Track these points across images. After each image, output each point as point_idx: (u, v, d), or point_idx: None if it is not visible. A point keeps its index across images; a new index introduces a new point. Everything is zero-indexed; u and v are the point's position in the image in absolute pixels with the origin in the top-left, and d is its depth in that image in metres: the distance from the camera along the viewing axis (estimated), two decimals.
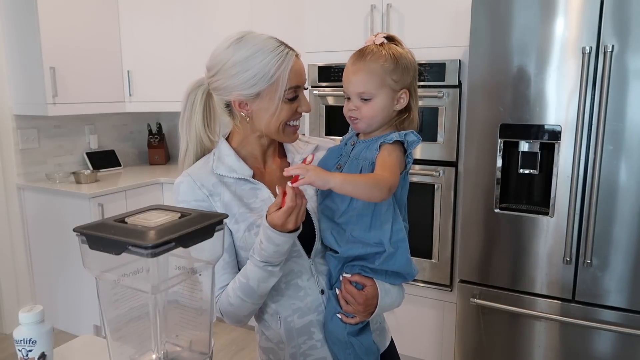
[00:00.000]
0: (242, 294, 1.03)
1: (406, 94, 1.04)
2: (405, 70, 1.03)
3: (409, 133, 1.01)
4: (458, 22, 2.26)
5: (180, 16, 3.29)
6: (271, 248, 0.97)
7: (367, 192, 0.93)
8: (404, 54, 1.04)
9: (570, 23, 1.76)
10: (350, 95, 1.04)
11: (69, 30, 2.94)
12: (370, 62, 1.01)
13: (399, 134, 1.01)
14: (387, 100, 1.02)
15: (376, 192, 0.93)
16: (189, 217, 0.95)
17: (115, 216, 0.93)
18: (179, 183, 1.11)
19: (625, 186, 1.74)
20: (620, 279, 1.78)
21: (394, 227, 1.02)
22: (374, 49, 1.02)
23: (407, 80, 1.03)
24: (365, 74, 1.01)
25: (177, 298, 1.00)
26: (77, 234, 0.88)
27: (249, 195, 1.09)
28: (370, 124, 1.04)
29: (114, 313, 0.96)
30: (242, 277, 1.03)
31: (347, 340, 1.06)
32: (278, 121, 1.06)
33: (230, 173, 1.09)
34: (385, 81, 1.01)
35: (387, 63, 1.01)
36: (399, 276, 1.06)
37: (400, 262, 1.04)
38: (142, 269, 0.87)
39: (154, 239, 0.82)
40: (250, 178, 1.09)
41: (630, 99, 1.69)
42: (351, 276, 1.05)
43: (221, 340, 2.98)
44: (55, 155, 3.25)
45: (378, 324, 1.19)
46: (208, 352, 1.02)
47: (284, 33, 3.30)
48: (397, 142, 1.01)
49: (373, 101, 1.02)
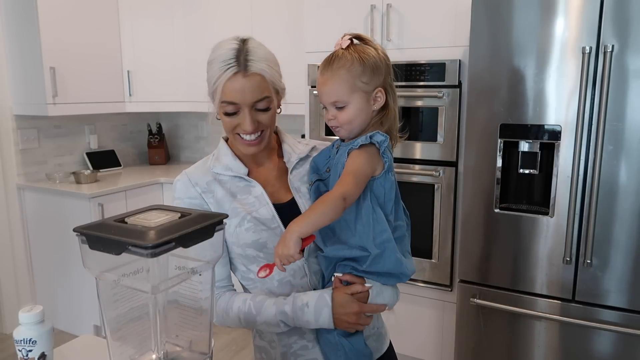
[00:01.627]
0: (243, 318, 1.08)
1: (382, 92, 1.02)
2: (375, 69, 1.00)
3: (375, 134, 1.00)
4: (458, 22, 2.26)
5: (180, 16, 3.29)
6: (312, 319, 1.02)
7: (324, 217, 0.94)
8: (372, 54, 1.01)
9: (570, 23, 1.76)
10: (325, 105, 1.04)
11: (69, 31, 2.94)
12: (336, 70, 1.00)
13: (365, 137, 0.99)
14: (361, 104, 1.01)
15: (331, 211, 0.93)
16: (189, 217, 0.95)
17: (115, 216, 0.93)
18: (176, 181, 1.14)
19: (625, 186, 1.74)
20: (620, 279, 1.78)
21: (376, 229, 1.00)
22: (339, 54, 1.01)
23: (378, 79, 1.02)
24: (334, 83, 1.00)
25: (177, 298, 1.00)
26: (77, 234, 0.88)
27: (242, 192, 1.11)
28: (350, 129, 1.03)
29: (114, 313, 0.96)
30: (253, 308, 1.06)
31: (337, 341, 1.05)
32: (227, 130, 1.09)
33: (226, 171, 1.12)
34: (356, 85, 0.99)
35: (354, 66, 0.99)
36: (392, 276, 1.05)
37: (389, 263, 1.02)
38: (142, 269, 0.87)
39: (154, 239, 0.82)
40: (245, 176, 1.11)
41: (630, 99, 1.69)
42: (342, 275, 1.05)
43: (221, 340, 2.98)
44: (55, 155, 3.25)
45: (375, 329, 1.18)
46: (208, 352, 1.02)
47: (284, 33, 3.32)
48: (366, 145, 0.99)
49: (347, 108, 1.01)
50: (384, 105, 1.05)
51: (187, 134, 3.94)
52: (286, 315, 1.03)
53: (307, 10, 2.65)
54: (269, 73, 1.06)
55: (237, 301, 1.09)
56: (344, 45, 1.02)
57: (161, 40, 3.32)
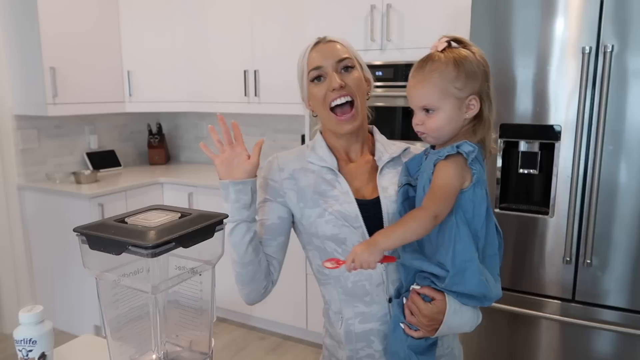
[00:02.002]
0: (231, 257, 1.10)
1: (476, 100, 0.96)
2: (471, 75, 0.94)
3: (463, 144, 0.94)
4: (458, 22, 2.25)
5: (180, 16, 3.29)
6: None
7: (412, 234, 0.92)
8: (469, 58, 0.95)
9: (570, 23, 1.76)
10: (413, 109, 1.00)
11: (69, 31, 2.94)
12: (428, 73, 0.95)
13: (451, 147, 0.94)
14: (452, 111, 0.96)
15: (420, 229, 0.91)
16: (189, 217, 0.95)
17: (115, 216, 0.93)
18: (267, 161, 1.18)
19: (625, 186, 1.74)
20: (620, 279, 1.78)
21: (458, 247, 0.94)
22: (434, 56, 0.96)
23: (474, 85, 0.95)
24: (424, 86, 0.95)
25: (177, 298, 1.01)
26: (77, 234, 0.88)
27: (328, 184, 1.11)
28: (437, 136, 0.99)
29: (114, 313, 0.96)
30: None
31: (407, 354, 1.00)
32: (319, 106, 1.11)
33: (320, 162, 1.13)
34: (448, 91, 0.94)
35: (448, 70, 0.94)
36: (473, 298, 0.98)
37: (470, 284, 0.95)
38: (142, 269, 0.87)
39: (154, 239, 0.82)
40: (335, 169, 1.12)
41: (630, 99, 1.69)
42: (420, 288, 1.00)
43: (221, 340, 2.98)
44: (55, 155, 3.25)
45: (449, 349, 1.12)
46: (208, 352, 1.02)
47: (284, 33, 3.32)
48: (453, 155, 0.94)
49: (437, 114, 0.96)
50: (478, 113, 0.98)
51: (187, 134, 3.94)
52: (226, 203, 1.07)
53: (307, 10, 2.65)
54: (348, 44, 1.13)
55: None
56: (440, 48, 0.97)
57: (161, 40, 3.32)
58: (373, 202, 1.09)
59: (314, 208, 1.09)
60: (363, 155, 1.17)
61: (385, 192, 1.09)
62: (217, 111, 3.47)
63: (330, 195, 1.09)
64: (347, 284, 1.08)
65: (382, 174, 1.12)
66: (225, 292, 3.11)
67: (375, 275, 1.06)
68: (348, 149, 1.16)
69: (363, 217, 1.07)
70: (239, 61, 3.13)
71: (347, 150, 1.16)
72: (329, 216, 1.07)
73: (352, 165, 1.16)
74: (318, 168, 1.13)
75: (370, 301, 1.08)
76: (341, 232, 1.06)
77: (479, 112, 0.98)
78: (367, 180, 1.14)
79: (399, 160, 1.15)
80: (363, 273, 1.06)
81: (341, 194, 1.09)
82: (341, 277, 1.09)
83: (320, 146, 1.16)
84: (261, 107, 3.11)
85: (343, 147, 1.16)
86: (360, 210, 1.07)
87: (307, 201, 1.10)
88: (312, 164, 1.14)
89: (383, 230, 0.94)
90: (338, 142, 1.15)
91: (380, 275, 1.06)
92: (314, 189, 1.11)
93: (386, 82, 2.45)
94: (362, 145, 1.17)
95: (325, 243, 1.08)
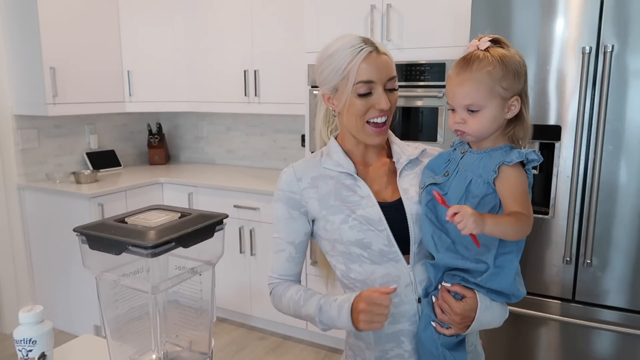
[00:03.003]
0: (292, 307, 1.11)
1: (518, 101, 0.97)
2: (516, 75, 0.96)
3: (531, 152, 0.96)
4: (458, 22, 2.26)
5: (180, 16, 3.29)
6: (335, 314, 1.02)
7: (515, 233, 0.93)
8: (512, 57, 0.96)
9: (570, 23, 1.76)
10: (455, 108, 0.99)
11: (69, 31, 2.94)
12: (477, 72, 0.94)
13: (520, 154, 0.95)
14: (497, 111, 0.96)
15: (522, 233, 0.93)
16: (189, 217, 0.95)
17: (115, 216, 0.94)
18: (282, 173, 1.16)
19: (625, 186, 1.74)
20: (620, 279, 1.78)
21: (501, 246, 0.96)
22: (480, 55, 0.95)
23: (518, 86, 0.97)
24: (472, 85, 0.95)
25: (177, 298, 1.01)
26: (77, 234, 0.88)
27: (348, 189, 1.10)
28: (478, 136, 1.00)
29: (114, 313, 0.96)
30: (302, 299, 1.09)
31: (440, 352, 1.00)
32: (354, 116, 1.07)
33: (337, 167, 1.12)
34: (495, 90, 0.94)
35: (496, 70, 0.94)
36: (502, 295, 1.00)
37: (505, 282, 0.97)
38: (142, 269, 0.88)
39: (154, 239, 0.82)
40: (354, 174, 1.11)
41: (630, 99, 1.69)
42: (451, 286, 1.00)
43: (221, 340, 2.98)
44: (55, 155, 3.25)
45: (473, 346, 1.13)
46: (208, 352, 1.02)
47: (284, 33, 3.31)
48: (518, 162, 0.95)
49: (482, 113, 0.96)
50: (517, 114, 1.00)
51: (187, 134, 3.94)
52: (321, 310, 1.04)
53: (307, 10, 2.65)
54: (392, 57, 1.09)
55: (292, 290, 1.12)
56: (482, 47, 0.97)
57: (161, 40, 3.32)
58: (395, 205, 1.09)
59: (338, 214, 1.08)
60: (380, 159, 1.17)
61: (406, 194, 1.09)
62: (217, 111, 3.50)
63: (352, 201, 1.08)
64: (376, 286, 1.06)
65: (401, 176, 1.12)
66: (225, 292, 3.12)
67: (404, 276, 1.06)
68: (365, 154, 1.15)
69: (386, 219, 1.06)
70: (239, 61, 3.13)
71: (363, 155, 1.15)
72: (353, 221, 1.06)
73: (369, 168, 1.15)
74: (336, 174, 1.12)
75: (399, 302, 1.07)
76: (366, 237, 1.06)
77: (518, 113, 0.99)
78: (386, 183, 1.13)
79: (416, 161, 1.15)
80: (391, 275, 1.06)
81: (363, 198, 1.08)
82: (368, 281, 1.08)
83: (335, 151, 1.14)
84: (261, 107, 3.11)
85: (360, 152, 1.15)
86: (383, 213, 1.07)
87: (329, 208, 1.09)
88: (329, 170, 1.13)
89: (493, 216, 0.94)
90: (356, 148, 1.15)
91: (408, 275, 1.06)
92: (335, 195, 1.10)
93: None
94: (379, 150, 1.17)
95: (350, 248, 1.08)
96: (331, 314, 1.02)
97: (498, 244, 0.96)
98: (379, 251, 1.05)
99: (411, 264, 1.06)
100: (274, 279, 1.16)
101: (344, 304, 1.00)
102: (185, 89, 3.33)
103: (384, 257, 1.05)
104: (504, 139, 1.01)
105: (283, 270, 1.15)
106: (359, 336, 1.13)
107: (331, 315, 1.02)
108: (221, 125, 3.75)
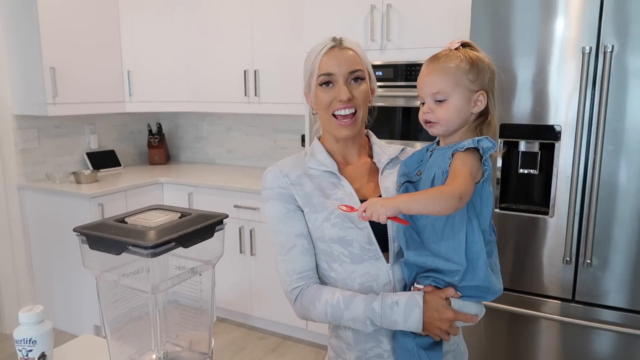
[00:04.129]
0: (330, 312, 1.05)
1: (484, 96, 1.00)
2: (482, 71, 1.00)
3: (483, 139, 0.97)
4: (458, 22, 2.26)
5: (180, 16, 3.29)
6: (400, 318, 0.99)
7: (434, 206, 0.91)
8: (480, 57, 1.01)
9: (570, 23, 1.76)
10: (424, 98, 1.02)
11: (69, 30, 2.94)
12: (444, 63, 1.00)
13: (472, 140, 0.97)
14: (462, 101, 0.99)
15: (444, 203, 0.91)
16: (189, 217, 0.95)
17: (115, 216, 0.94)
18: (267, 172, 1.17)
19: (625, 186, 1.74)
20: (620, 279, 1.78)
21: (469, 240, 0.97)
22: (448, 52, 1.02)
23: (484, 81, 1.00)
24: (438, 74, 0.99)
25: (177, 298, 1.01)
26: (77, 234, 0.88)
27: (331, 187, 1.12)
28: (446, 127, 1.01)
29: (114, 313, 0.96)
30: (342, 302, 1.04)
31: (415, 352, 1.01)
32: (321, 110, 1.12)
33: (320, 166, 1.15)
34: (461, 81, 0.98)
35: (462, 63, 0.99)
36: (477, 291, 1.01)
37: (478, 277, 0.98)
38: (142, 269, 0.88)
39: (154, 239, 0.82)
40: (337, 172, 1.14)
41: (630, 99, 1.69)
42: (424, 287, 1.01)
43: (221, 340, 2.98)
44: (55, 155, 3.25)
45: (455, 345, 1.13)
46: (208, 352, 1.02)
47: (284, 33, 3.31)
48: (471, 149, 0.97)
49: (448, 102, 0.99)
50: (485, 112, 1.02)
51: (187, 134, 3.94)
52: (374, 312, 1.01)
53: (307, 10, 2.65)
54: (362, 53, 1.13)
55: (326, 293, 1.07)
56: (452, 47, 1.03)
57: (161, 40, 3.32)
58: None
59: (320, 212, 1.10)
60: (360, 158, 1.19)
61: (387, 193, 1.11)
62: (217, 111, 3.50)
63: (335, 198, 1.10)
64: (354, 286, 1.08)
65: (383, 175, 1.15)
66: (225, 292, 3.12)
67: (383, 274, 1.07)
68: (345, 153, 1.18)
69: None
70: (239, 61, 3.13)
71: (344, 154, 1.18)
72: (335, 219, 1.08)
73: (350, 167, 1.18)
74: (319, 173, 1.14)
75: None
76: (347, 235, 1.07)
77: (484, 110, 1.02)
78: (366, 181, 1.15)
79: (397, 160, 1.17)
80: (370, 274, 1.06)
81: (345, 195, 1.11)
82: (348, 280, 1.08)
83: (319, 151, 1.17)
84: (261, 107, 3.11)
85: (341, 151, 1.18)
86: None
87: (312, 205, 1.11)
88: (313, 169, 1.15)
89: (406, 194, 0.96)
90: (336, 146, 1.17)
91: (387, 274, 1.07)
92: (318, 193, 1.12)
93: (386, 82, 2.45)
94: (360, 149, 1.20)
95: (332, 246, 1.09)
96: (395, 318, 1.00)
97: (466, 239, 0.97)
98: (360, 249, 1.07)
99: (390, 262, 1.07)
100: (296, 282, 1.10)
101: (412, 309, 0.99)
102: (185, 89, 3.33)
103: (365, 255, 1.07)
104: (471, 135, 1.02)
105: (302, 267, 1.11)
106: (339, 337, 1.14)
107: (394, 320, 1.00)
108: (221, 125, 3.75)
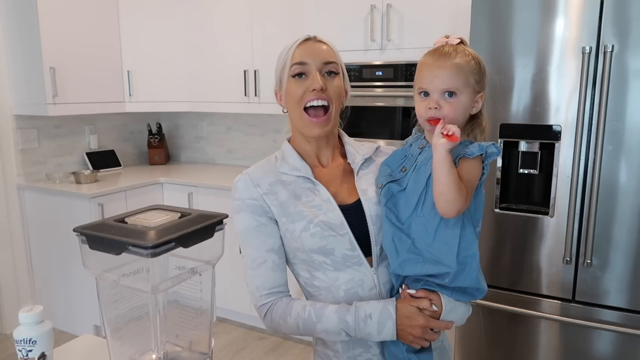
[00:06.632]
0: (302, 325, 1.03)
1: (482, 98, 1.01)
2: (484, 73, 1.00)
3: (490, 145, 0.97)
4: (458, 22, 2.26)
5: (180, 16, 3.29)
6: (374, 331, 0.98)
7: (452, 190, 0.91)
8: (480, 57, 1.01)
9: (570, 23, 1.76)
10: (431, 92, 0.98)
11: (69, 31, 2.94)
12: (457, 59, 0.97)
13: (480, 147, 0.96)
14: (469, 101, 0.98)
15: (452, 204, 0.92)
16: (189, 217, 0.95)
17: (115, 216, 0.94)
18: (237, 181, 1.12)
19: (625, 186, 1.74)
20: (620, 279, 1.78)
21: (463, 243, 0.96)
22: (456, 48, 0.99)
23: (484, 83, 1.01)
24: (454, 70, 0.96)
25: (177, 298, 1.01)
26: (77, 234, 0.88)
27: (307, 194, 1.07)
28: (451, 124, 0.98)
29: (114, 313, 0.96)
30: (313, 315, 1.02)
31: (406, 357, 1.00)
32: (293, 104, 1.07)
33: (294, 171, 1.09)
34: (469, 80, 0.97)
35: (471, 63, 0.98)
36: (466, 293, 1.00)
37: (469, 279, 0.98)
38: (142, 269, 0.87)
39: (154, 239, 0.82)
40: (312, 177, 1.09)
41: (630, 99, 1.69)
42: (415, 292, 1.00)
43: (221, 340, 2.98)
44: (55, 155, 3.25)
45: (440, 342, 1.13)
46: (208, 352, 1.02)
47: (284, 33, 3.31)
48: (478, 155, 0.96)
49: (457, 99, 0.97)
50: (475, 115, 1.02)
51: (187, 134, 3.94)
52: (348, 325, 0.99)
53: (307, 10, 2.65)
54: (336, 51, 1.11)
55: (296, 307, 1.04)
56: (453, 42, 1.00)
57: (161, 40, 3.32)
58: (355, 206, 1.07)
59: (298, 222, 1.04)
60: (334, 160, 1.15)
61: (365, 195, 1.08)
62: (217, 111, 3.50)
63: (313, 206, 1.05)
64: (339, 293, 1.05)
65: (359, 176, 1.11)
66: (225, 292, 3.12)
67: (367, 279, 1.05)
68: (319, 154, 1.13)
69: (347, 222, 1.05)
70: (239, 61, 3.13)
71: (317, 156, 1.13)
72: (314, 228, 1.03)
73: (324, 170, 1.13)
74: (293, 178, 1.09)
75: None
76: (328, 243, 1.03)
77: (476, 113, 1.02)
78: (342, 185, 1.11)
79: (371, 160, 1.15)
80: (355, 280, 1.04)
81: (323, 202, 1.06)
82: (332, 288, 1.06)
83: (290, 155, 1.12)
84: (261, 107, 3.11)
85: (314, 152, 1.13)
86: (344, 216, 1.05)
87: (289, 215, 1.05)
88: (286, 174, 1.10)
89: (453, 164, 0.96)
90: (308, 147, 1.12)
91: (372, 278, 1.05)
92: (294, 201, 1.06)
93: (386, 82, 2.45)
94: (333, 151, 1.15)
95: (312, 256, 1.05)
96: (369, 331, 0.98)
97: (459, 242, 0.96)
98: (342, 256, 1.03)
99: (374, 266, 1.05)
100: (266, 298, 1.07)
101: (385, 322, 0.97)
102: (185, 89, 3.33)
103: (347, 261, 1.04)
104: (463, 136, 1.01)
105: (272, 283, 1.07)
106: (326, 344, 1.11)
107: (369, 332, 0.99)
108: (221, 125, 3.75)
